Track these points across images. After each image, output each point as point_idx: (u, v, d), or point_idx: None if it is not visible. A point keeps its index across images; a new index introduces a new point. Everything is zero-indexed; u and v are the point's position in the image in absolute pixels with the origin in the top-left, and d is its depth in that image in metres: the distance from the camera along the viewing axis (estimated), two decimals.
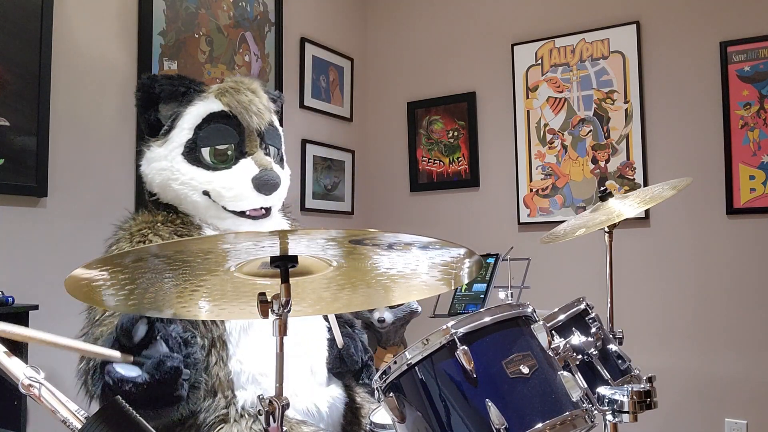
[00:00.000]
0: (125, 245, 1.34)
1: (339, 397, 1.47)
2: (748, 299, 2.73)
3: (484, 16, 3.45)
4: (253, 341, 1.34)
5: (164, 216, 1.42)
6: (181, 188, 1.41)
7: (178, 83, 1.48)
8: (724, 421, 2.74)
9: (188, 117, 1.44)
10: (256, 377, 1.31)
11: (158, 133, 1.48)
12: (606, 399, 1.16)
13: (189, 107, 1.45)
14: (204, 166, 1.42)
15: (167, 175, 1.42)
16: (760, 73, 2.74)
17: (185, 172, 1.42)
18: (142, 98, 1.49)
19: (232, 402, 1.29)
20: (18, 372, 0.88)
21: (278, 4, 3.10)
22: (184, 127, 1.43)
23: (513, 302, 1.15)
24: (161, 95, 1.46)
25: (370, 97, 3.79)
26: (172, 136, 1.44)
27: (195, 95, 1.48)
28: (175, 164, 1.42)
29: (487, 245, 2.64)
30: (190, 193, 1.42)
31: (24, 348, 1.79)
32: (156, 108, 1.48)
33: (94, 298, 0.95)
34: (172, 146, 1.43)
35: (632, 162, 3.01)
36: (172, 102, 1.47)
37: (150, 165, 1.45)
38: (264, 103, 1.51)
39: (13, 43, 2.02)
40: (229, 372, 1.30)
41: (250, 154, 1.46)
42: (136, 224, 1.40)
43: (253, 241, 0.78)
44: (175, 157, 1.42)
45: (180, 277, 0.88)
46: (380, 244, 0.83)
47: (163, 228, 1.39)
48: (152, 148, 1.46)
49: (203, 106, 1.45)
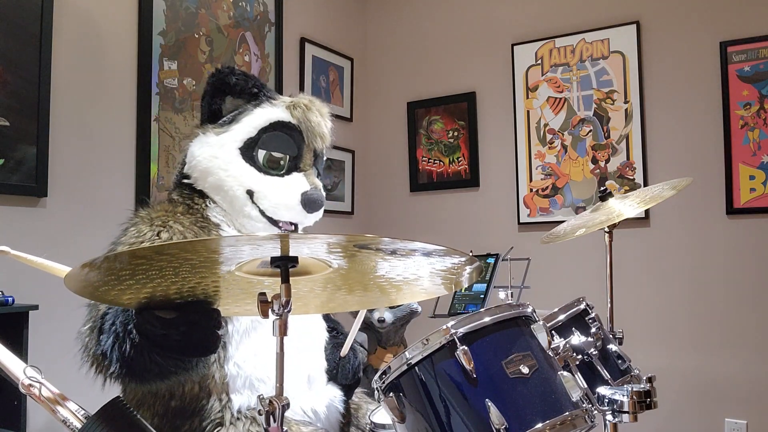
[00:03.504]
0: (145, 228, 1.34)
1: (337, 398, 1.47)
2: (748, 299, 2.73)
3: (484, 16, 3.45)
4: (253, 345, 1.33)
5: (185, 208, 1.42)
6: (227, 179, 1.42)
7: (252, 83, 1.50)
8: (724, 421, 2.74)
9: (255, 116, 1.46)
10: (252, 381, 1.30)
11: (216, 121, 1.49)
12: (606, 399, 1.16)
13: (257, 108, 1.48)
14: (256, 167, 1.44)
15: (218, 163, 1.42)
16: (760, 73, 2.75)
17: (238, 165, 1.43)
18: (214, 84, 1.50)
19: (227, 405, 1.28)
20: (18, 372, 0.88)
21: (278, 4, 3.10)
22: (249, 125, 1.45)
23: (513, 302, 1.15)
24: (235, 88, 1.48)
25: (370, 97, 3.79)
26: (234, 129, 1.45)
27: (264, 99, 1.50)
28: (230, 156, 1.43)
29: (487, 245, 2.64)
30: (235, 187, 1.42)
31: (24, 348, 1.79)
32: (223, 98, 1.50)
33: (95, 294, 0.95)
34: (231, 139, 1.44)
35: (632, 162, 3.01)
36: (240, 98, 1.50)
37: (202, 148, 1.44)
38: (329, 128, 1.55)
39: (13, 43, 2.02)
40: (225, 374, 1.29)
41: (302, 170, 1.48)
42: (155, 211, 1.40)
43: (253, 245, 0.79)
44: (231, 149, 1.43)
45: (180, 274, 0.88)
46: (384, 250, 0.83)
47: (183, 218, 1.39)
48: (208, 134, 1.46)
49: (273, 112, 1.47)
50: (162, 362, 1.10)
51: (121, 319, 1.12)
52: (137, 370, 1.10)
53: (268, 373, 1.31)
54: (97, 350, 1.16)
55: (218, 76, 1.49)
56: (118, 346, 1.10)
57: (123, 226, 1.39)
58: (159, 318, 1.04)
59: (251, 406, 1.30)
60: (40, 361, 1.03)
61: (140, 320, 1.06)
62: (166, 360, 1.10)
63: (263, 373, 1.31)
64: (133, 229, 1.35)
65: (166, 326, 1.04)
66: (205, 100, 1.52)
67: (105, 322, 1.16)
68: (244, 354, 1.31)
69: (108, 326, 1.14)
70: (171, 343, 1.05)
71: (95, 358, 1.18)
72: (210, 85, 1.51)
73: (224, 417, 1.27)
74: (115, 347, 1.11)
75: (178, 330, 1.04)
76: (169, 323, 1.04)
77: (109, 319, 1.15)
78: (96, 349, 1.17)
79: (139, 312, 1.06)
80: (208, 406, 1.28)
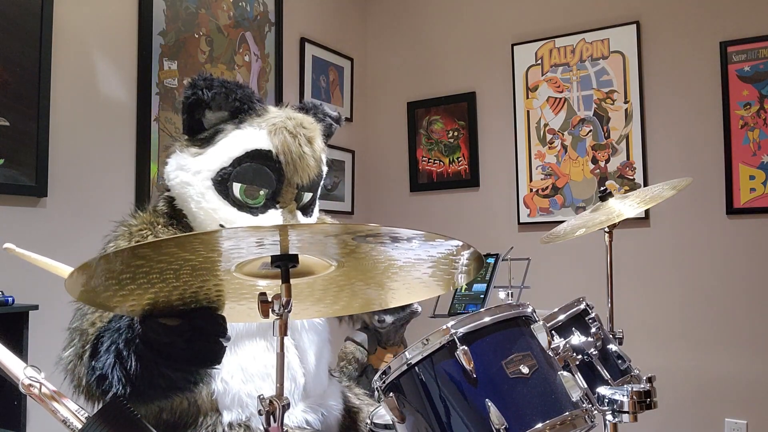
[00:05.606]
0: (122, 243, 1.31)
1: (334, 406, 1.44)
2: (748, 299, 2.73)
3: (484, 16, 3.45)
4: (239, 361, 1.28)
5: (166, 220, 1.38)
6: (199, 212, 1.34)
7: (234, 96, 1.35)
8: (724, 421, 2.74)
9: (231, 143, 1.33)
10: (241, 397, 1.26)
11: (195, 135, 1.38)
12: (606, 399, 1.16)
13: (236, 130, 1.34)
14: (231, 201, 1.33)
15: (191, 193, 1.33)
16: (760, 73, 2.75)
17: (210, 200, 1.33)
18: (190, 97, 1.35)
19: (218, 420, 1.25)
20: (18, 372, 0.88)
21: (278, 4, 3.10)
22: (223, 153, 1.33)
23: (513, 302, 1.15)
24: (211, 103, 1.34)
25: (370, 97, 3.79)
26: (209, 154, 1.33)
27: (248, 115, 1.36)
28: (203, 189, 1.33)
29: (487, 245, 2.63)
30: (207, 220, 1.34)
31: (24, 348, 1.79)
32: (202, 111, 1.36)
33: (96, 300, 0.94)
34: (206, 167, 1.33)
35: (632, 162, 3.01)
36: (221, 111, 1.36)
37: (176, 171, 1.35)
38: (317, 156, 1.39)
39: (13, 43, 2.02)
40: (212, 391, 1.25)
41: (282, 205, 1.36)
42: (137, 223, 1.34)
43: (253, 238, 0.79)
44: (204, 179, 1.32)
45: (181, 277, 0.88)
46: (382, 238, 0.82)
47: (163, 230, 1.32)
48: (185, 154, 1.35)
49: (251, 139, 1.33)
50: (170, 375, 1.05)
51: (124, 336, 1.07)
52: (142, 387, 1.05)
53: (258, 387, 1.27)
54: (90, 377, 1.10)
55: (193, 90, 1.34)
56: (120, 365, 1.05)
57: (106, 239, 1.34)
58: (163, 325, 1.01)
59: (242, 420, 1.26)
60: (40, 361, 1.03)
61: (145, 328, 1.02)
62: (174, 372, 1.05)
63: (252, 387, 1.27)
64: (113, 244, 1.31)
65: (171, 334, 1.01)
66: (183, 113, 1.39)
67: (100, 345, 1.10)
68: (231, 369, 1.27)
69: (105, 348, 1.08)
70: (176, 351, 1.02)
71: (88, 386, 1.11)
72: (186, 98, 1.36)
73: (216, 430, 1.25)
74: (116, 367, 1.05)
75: (183, 337, 1.00)
76: (174, 330, 1.00)
77: (106, 341, 1.09)
78: (89, 375, 1.10)
79: (142, 321, 1.03)
80: (199, 421, 1.25)
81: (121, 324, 1.09)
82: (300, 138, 1.35)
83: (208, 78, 1.36)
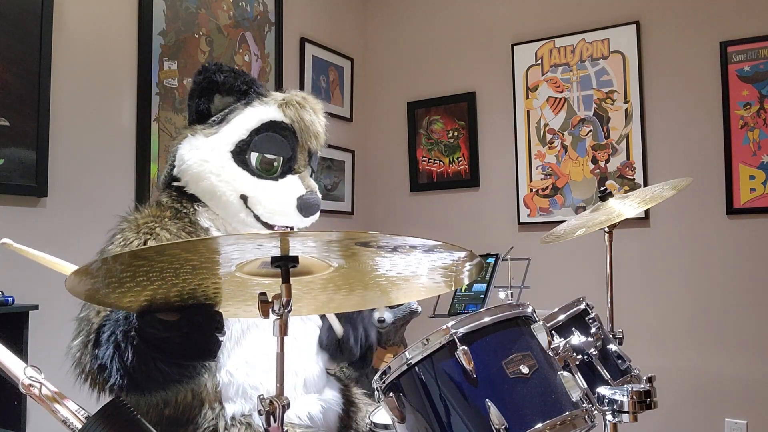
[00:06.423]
0: (131, 235, 1.31)
1: (334, 401, 1.45)
2: (748, 299, 2.73)
3: (484, 16, 3.45)
4: (244, 353, 1.30)
5: (172, 213, 1.39)
6: (220, 184, 1.37)
7: (242, 79, 1.44)
8: (724, 421, 2.74)
9: (246, 117, 1.40)
10: (245, 389, 1.27)
11: (205, 121, 1.43)
12: (606, 399, 1.16)
13: (248, 108, 1.41)
14: (249, 171, 1.38)
15: (209, 167, 1.37)
16: (760, 73, 2.75)
17: (230, 170, 1.37)
18: (200, 83, 1.42)
19: (221, 413, 1.26)
20: (18, 372, 0.88)
21: (278, 4, 3.10)
22: (240, 126, 1.39)
23: (513, 302, 1.15)
24: (223, 85, 1.42)
25: (370, 97, 3.79)
26: (224, 131, 1.39)
27: (255, 97, 1.44)
28: (222, 162, 1.37)
29: (487, 245, 2.64)
30: (228, 192, 1.37)
31: (24, 348, 1.79)
32: (211, 97, 1.43)
33: (95, 297, 0.94)
34: (222, 141, 1.38)
35: (632, 162, 3.01)
36: (229, 96, 1.43)
37: (191, 152, 1.38)
38: (323, 125, 1.48)
39: (13, 43, 2.02)
40: (217, 383, 1.26)
41: (297, 172, 1.43)
42: (143, 217, 1.35)
43: (254, 243, 0.79)
44: (222, 153, 1.37)
45: (181, 276, 0.88)
46: (384, 247, 0.82)
47: (170, 223, 1.34)
48: (197, 136, 1.39)
49: (265, 112, 1.41)
50: (166, 369, 1.07)
51: (122, 328, 1.09)
52: (139, 379, 1.07)
53: (261, 380, 1.28)
54: (93, 365, 1.13)
55: (205, 74, 1.42)
56: (118, 356, 1.07)
57: (111, 233, 1.35)
58: (161, 320, 1.02)
59: (245, 413, 1.27)
60: (40, 361, 1.03)
61: (142, 323, 1.04)
62: (170, 367, 1.07)
63: (256, 380, 1.28)
64: (120, 236, 1.32)
65: (168, 328, 1.02)
66: (192, 100, 1.45)
67: (101, 334, 1.13)
68: (236, 362, 1.28)
69: (106, 338, 1.11)
70: (173, 346, 1.03)
71: (91, 374, 1.14)
72: (197, 83, 1.43)
73: (218, 424, 1.25)
74: (115, 358, 1.08)
75: (180, 332, 1.02)
76: (171, 325, 1.02)
77: (107, 330, 1.12)
78: (92, 363, 1.13)
79: (140, 315, 1.04)
80: (201, 414, 1.25)
81: (119, 316, 1.12)
82: (308, 108, 1.45)
83: (217, 63, 1.45)
